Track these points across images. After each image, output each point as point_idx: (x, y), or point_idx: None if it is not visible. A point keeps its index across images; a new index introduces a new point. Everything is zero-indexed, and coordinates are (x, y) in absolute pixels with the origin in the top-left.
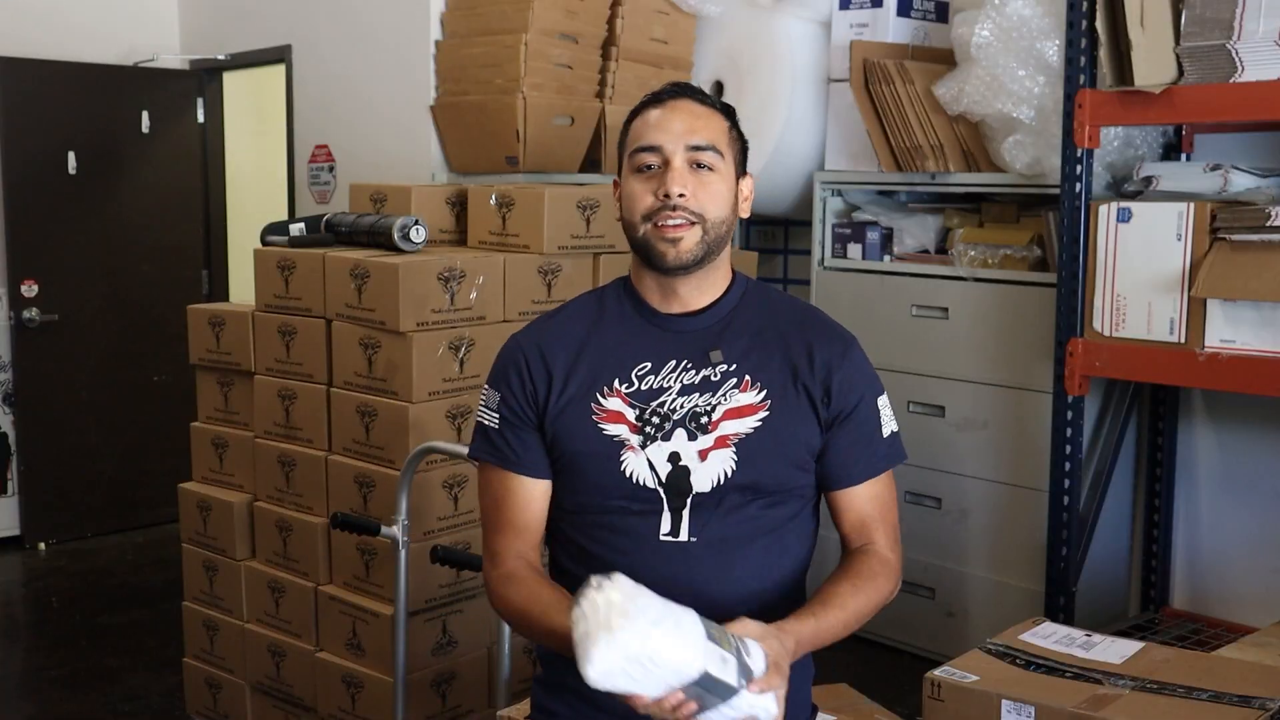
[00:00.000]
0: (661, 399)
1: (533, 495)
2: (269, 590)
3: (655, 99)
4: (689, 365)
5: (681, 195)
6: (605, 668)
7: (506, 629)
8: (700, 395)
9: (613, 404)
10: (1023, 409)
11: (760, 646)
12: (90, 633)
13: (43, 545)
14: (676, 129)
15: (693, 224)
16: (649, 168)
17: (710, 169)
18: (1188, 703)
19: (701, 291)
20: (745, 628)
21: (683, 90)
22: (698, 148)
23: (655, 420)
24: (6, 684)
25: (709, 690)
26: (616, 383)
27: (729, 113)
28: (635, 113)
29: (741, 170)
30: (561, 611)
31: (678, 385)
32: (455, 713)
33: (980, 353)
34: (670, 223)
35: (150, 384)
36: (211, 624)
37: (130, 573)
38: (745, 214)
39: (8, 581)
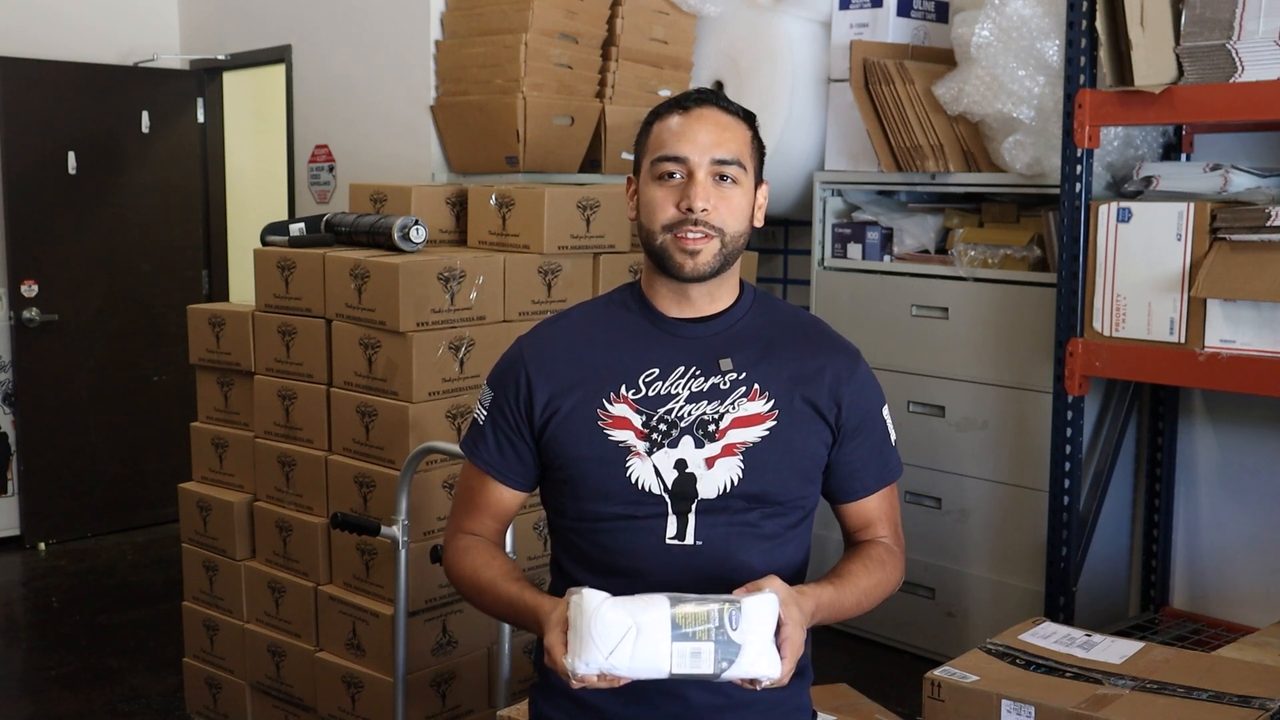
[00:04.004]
0: (669, 405)
1: (503, 499)
2: (269, 590)
3: (679, 105)
4: (698, 372)
5: (704, 210)
6: (582, 684)
7: (507, 630)
8: (708, 403)
9: (619, 410)
10: (1023, 409)
11: (756, 605)
12: (90, 633)
13: (43, 545)
14: (702, 140)
15: (711, 237)
16: (671, 176)
17: (733, 182)
18: (1188, 703)
19: (714, 298)
20: (771, 583)
21: (707, 97)
22: (722, 161)
23: (662, 427)
24: (6, 684)
25: (688, 682)
26: (623, 389)
27: (751, 120)
28: (656, 115)
29: (759, 178)
30: (510, 582)
31: (685, 392)
32: (455, 713)
33: (980, 353)
34: (690, 235)
35: (150, 384)
36: (211, 624)
37: (130, 573)
38: (760, 223)
39: (8, 581)
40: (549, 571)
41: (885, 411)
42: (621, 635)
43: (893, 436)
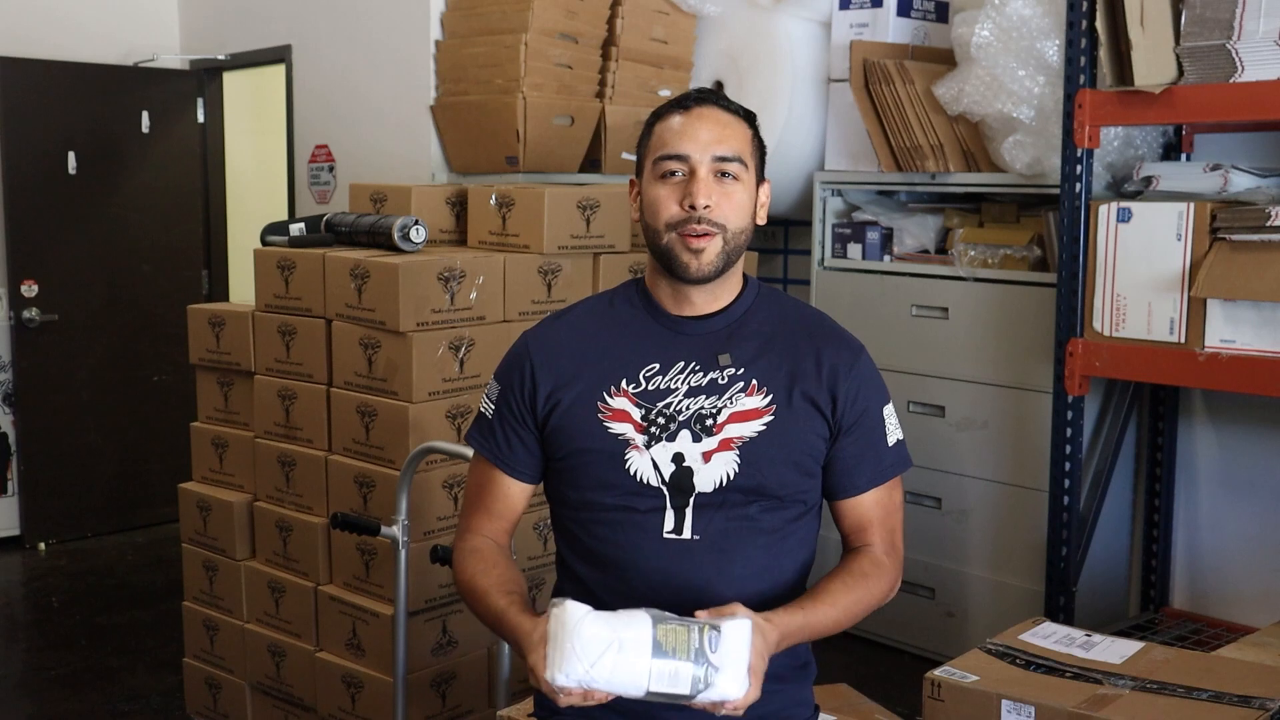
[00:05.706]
0: (668, 400)
1: (511, 492)
2: (269, 590)
3: (680, 104)
4: (697, 367)
5: (707, 206)
6: (568, 701)
7: None
8: (706, 398)
9: (619, 403)
10: (1023, 409)
11: (735, 630)
12: (90, 633)
13: (43, 545)
14: (703, 138)
15: (714, 234)
16: (673, 174)
17: (735, 179)
18: (1188, 703)
19: (715, 297)
20: (736, 609)
21: (707, 96)
22: (724, 159)
23: (660, 421)
24: (6, 684)
25: (661, 702)
26: (624, 382)
27: (751, 119)
28: (657, 116)
29: (760, 176)
30: (501, 595)
31: (684, 387)
32: (455, 713)
33: (980, 353)
34: (694, 233)
35: (150, 384)
36: (211, 624)
37: (130, 573)
38: (762, 220)
39: (8, 581)
40: (554, 569)
41: (887, 410)
42: (603, 649)
43: (894, 436)
